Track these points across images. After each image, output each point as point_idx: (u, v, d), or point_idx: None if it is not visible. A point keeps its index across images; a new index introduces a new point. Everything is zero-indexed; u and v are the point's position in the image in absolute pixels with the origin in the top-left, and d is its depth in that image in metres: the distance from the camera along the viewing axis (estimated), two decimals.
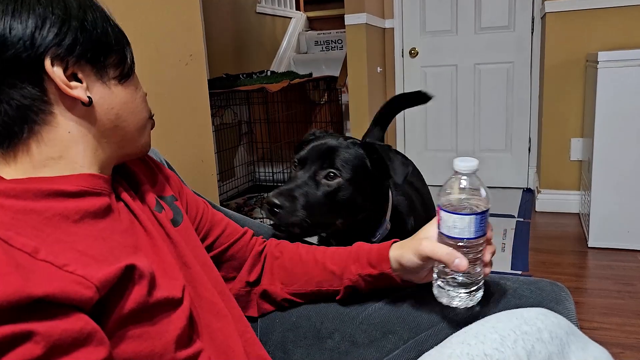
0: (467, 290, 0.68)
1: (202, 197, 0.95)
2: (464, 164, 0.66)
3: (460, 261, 0.65)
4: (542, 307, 0.73)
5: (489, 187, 0.66)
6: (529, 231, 2.59)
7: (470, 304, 0.69)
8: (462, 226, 0.65)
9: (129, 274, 0.55)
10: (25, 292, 0.45)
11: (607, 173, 2.27)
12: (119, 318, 0.54)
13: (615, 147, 2.24)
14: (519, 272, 2.12)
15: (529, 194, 3.18)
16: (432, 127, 3.48)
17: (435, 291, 0.71)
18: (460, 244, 0.67)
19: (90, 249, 0.54)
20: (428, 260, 0.70)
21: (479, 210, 0.65)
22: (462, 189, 0.67)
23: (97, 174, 0.63)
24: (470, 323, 0.62)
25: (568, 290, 0.81)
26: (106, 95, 0.62)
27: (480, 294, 0.70)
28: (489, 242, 0.71)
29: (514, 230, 2.60)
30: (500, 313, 0.56)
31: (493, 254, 0.71)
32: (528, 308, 0.56)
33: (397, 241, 0.78)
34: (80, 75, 0.59)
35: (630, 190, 2.25)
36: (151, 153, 1.06)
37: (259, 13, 4.04)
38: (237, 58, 3.73)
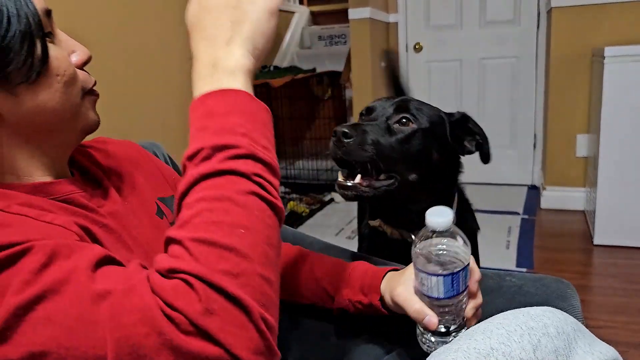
0: (446, 341, 0.63)
1: None
2: (438, 219, 0.60)
3: (429, 319, 0.61)
4: (548, 303, 0.72)
5: (493, 184, 0.63)
6: (533, 228, 2.57)
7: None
8: (430, 285, 0.60)
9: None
10: None
11: (613, 170, 2.25)
12: None
13: (621, 144, 2.22)
14: (524, 270, 2.11)
15: (533, 191, 3.15)
16: None
17: (417, 336, 0.67)
18: (434, 302, 0.62)
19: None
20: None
21: (452, 270, 0.59)
22: (435, 245, 0.61)
23: (48, 181, 0.58)
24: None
25: (574, 287, 0.80)
26: (12, 106, 0.53)
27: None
28: (473, 295, 0.66)
29: (518, 228, 2.58)
30: (506, 312, 0.55)
31: (478, 307, 0.67)
32: (535, 307, 0.56)
33: (393, 269, 0.74)
34: None
35: (636, 187, 2.23)
36: (155, 148, 1.06)
37: None
38: None
